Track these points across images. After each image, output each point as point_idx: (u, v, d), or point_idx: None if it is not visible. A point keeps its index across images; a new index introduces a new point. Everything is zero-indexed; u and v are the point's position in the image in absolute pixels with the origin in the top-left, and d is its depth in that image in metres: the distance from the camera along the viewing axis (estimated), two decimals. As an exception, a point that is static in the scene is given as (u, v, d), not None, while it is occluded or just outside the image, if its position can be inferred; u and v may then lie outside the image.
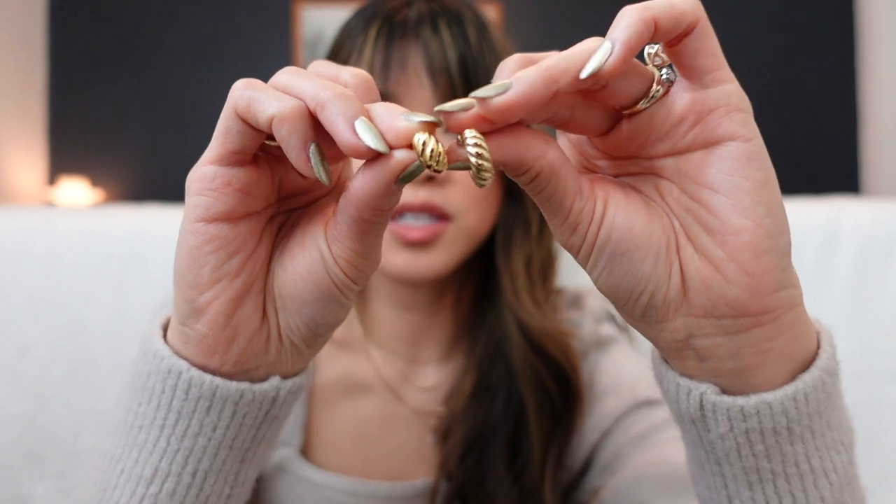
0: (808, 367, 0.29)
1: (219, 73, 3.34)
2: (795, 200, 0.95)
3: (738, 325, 0.27)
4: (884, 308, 0.88)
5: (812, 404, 0.29)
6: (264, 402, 0.32)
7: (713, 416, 0.30)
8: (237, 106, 0.27)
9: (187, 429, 0.31)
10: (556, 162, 0.27)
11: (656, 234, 0.28)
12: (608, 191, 0.29)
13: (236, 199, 0.29)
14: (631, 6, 0.25)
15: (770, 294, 0.27)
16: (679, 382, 0.30)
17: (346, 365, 0.63)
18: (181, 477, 0.32)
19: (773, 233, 0.27)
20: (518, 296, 0.59)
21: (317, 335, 0.32)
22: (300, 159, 0.26)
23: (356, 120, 0.25)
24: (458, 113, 0.25)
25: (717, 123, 0.26)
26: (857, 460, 0.33)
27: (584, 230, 0.28)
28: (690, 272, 0.28)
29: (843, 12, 3.37)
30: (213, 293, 0.29)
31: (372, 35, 0.55)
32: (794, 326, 0.28)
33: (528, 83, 0.24)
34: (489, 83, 0.50)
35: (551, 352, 0.58)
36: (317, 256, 0.30)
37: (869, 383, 0.87)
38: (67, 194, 3.09)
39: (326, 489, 0.60)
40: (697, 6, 0.26)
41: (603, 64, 0.25)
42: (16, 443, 0.83)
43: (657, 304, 0.28)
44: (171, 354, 0.31)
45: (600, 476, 0.58)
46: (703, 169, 0.27)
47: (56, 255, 0.86)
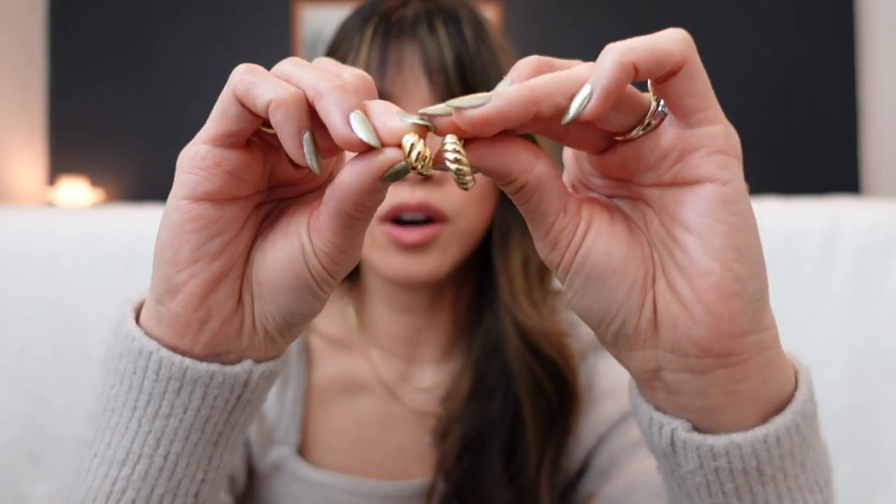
0: (782, 410, 0.29)
1: (219, 73, 3.33)
2: (795, 200, 0.95)
3: (702, 364, 0.27)
4: (883, 308, 0.88)
5: (784, 447, 0.29)
6: (236, 384, 0.32)
7: (683, 452, 0.30)
8: (236, 89, 0.28)
9: (158, 410, 0.31)
10: (543, 176, 0.27)
11: (634, 263, 0.28)
12: (593, 213, 0.29)
13: (224, 180, 0.29)
14: (614, 46, 0.25)
15: (735, 337, 0.27)
16: (652, 416, 0.31)
17: (345, 365, 0.63)
18: (153, 459, 0.31)
19: (742, 278, 0.26)
20: (515, 296, 0.59)
21: (291, 325, 0.32)
22: (293, 146, 0.27)
23: (351, 113, 0.26)
24: (439, 118, 0.25)
25: (696, 163, 0.26)
26: (835, 498, 0.33)
27: (563, 249, 0.28)
28: (661, 306, 0.28)
29: (843, 12, 3.37)
30: (189, 272, 0.29)
31: (368, 34, 0.55)
32: (763, 370, 0.28)
33: (507, 100, 0.24)
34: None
35: (548, 352, 0.58)
36: (297, 246, 0.30)
37: (869, 383, 0.87)
38: (67, 194, 3.09)
39: (324, 488, 0.60)
40: (685, 47, 0.26)
41: (582, 110, 0.25)
42: (16, 443, 0.83)
43: (627, 333, 0.29)
44: (142, 335, 0.31)
45: (596, 481, 0.58)
46: (679, 206, 0.27)
47: (56, 255, 0.86)
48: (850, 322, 0.88)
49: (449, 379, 0.62)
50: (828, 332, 0.88)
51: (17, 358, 0.84)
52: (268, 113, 0.27)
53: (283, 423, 0.61)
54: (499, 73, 0.56)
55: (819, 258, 0.89)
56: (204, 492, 0.33)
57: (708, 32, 3.38)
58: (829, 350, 0.88)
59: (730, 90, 3.34)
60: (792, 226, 0.90)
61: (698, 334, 0.27)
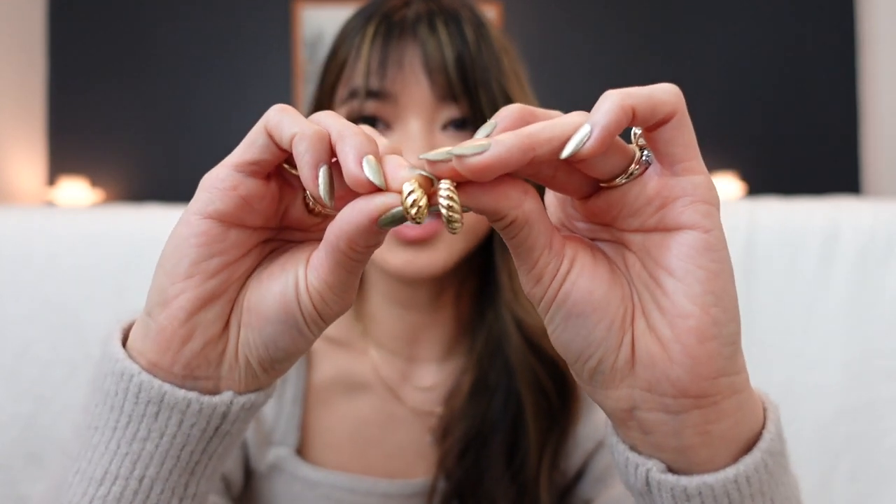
0: (751, 449, 0.30)
1: (219, 73, 3.34)
2: (796, 200, 0.95)
3: (678, 405, 0.29)
4: (883, 308, 0.88)
5: (754, 485, 0.30)
6: (214, 415, 0.32)
7: (658, 492, 0.31)
8: (268, 122, 0.29)
9: (136, 433, 0.32)
10: (532, 214, 0.28)
11: (614, 302, 0.29)
12: (577, 252, 0.30)
13: (236, 204, 0.30)
14: (613, 91, 0.27)
15: (710, 379, 0.28)
16: (628, 457, 0.31)
17: (344, 363, 0.63)
18: (128, 481, 0.32)
19: (719, 321, 0.28)
20: (516, 294, 0.59)
21: (273, 360, 0.32)
22: (310, 177, 0.28)
23: (365, 157, 0.27)
24: (439, 163, 0.26)
25: (680, 211, 0.28)
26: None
27: (547, 284, 0.29)
28: (640, 346, 0.29)
29: (843, 12, 3.37)
30: (182, 286, 0.30)
31: (370, 34, 0.55)
32: (736, 412, 0.29)
33: (506, 148, 0.26)
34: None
35: (549, 350, 0.58)
36: (291, 280, 0.30)
37: (869, 383, 0.87)
38: (67, 194, 3.09)
39: (324, 487, 0.60)
40: (677, 98, 0.27)
41: (581, 147, 0.26)
42: (16, 443, 0.83)
43: (604, 370, 0.30)
44: (125, 357, 0.32)
45: (593, 487, 0.59)
46: (662, 251, 0.28)
47: (56, 255, 0.86)
48: (850, 322, 0.88)
49: (449, 378, 0.62)
50: (828, 332, 0.88)
51: (17, 358, 0.84)
52: (292, 146, 0.28)
53: (282, 423, 0.61)
54: (500, 72, 0.56)
55: (819, 258, 0.89)
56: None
57: (708, 32, 3.38)
58: (829, 350, 0.88)
59: (730, 90, 3.35)
60: (792, 226, 0.90)
61: (676, 375, 0.28)
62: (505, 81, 0.56)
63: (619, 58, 3.39)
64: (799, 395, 0.88)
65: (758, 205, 0.94)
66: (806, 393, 0.88)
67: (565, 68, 3.25)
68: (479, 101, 0.55)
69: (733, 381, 0.29)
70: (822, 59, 3.37)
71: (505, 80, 0.57)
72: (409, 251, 0.55)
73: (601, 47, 3.41)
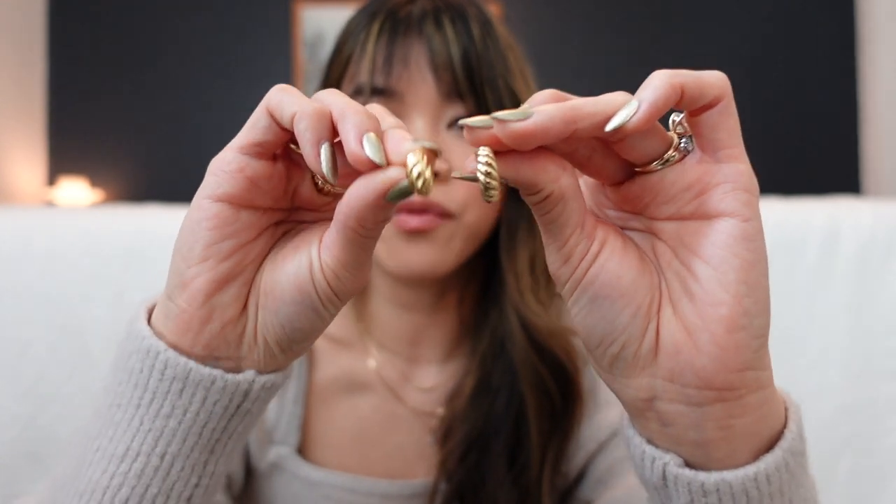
0: (772, 448, 0.30)
1: (218, 73, 3.34)
2: (796, 201, 0.95)
3: (701, 396, 0.28)
4: (884, 308, 0.88)
5: (774, 485, 0.29)
6: (236, 392, 0.32)
7: (675, 487, 0.30)
8: (269, 102, 0.29)
9: (160, 409, 0.32)
10: (568, 189, 0.28)
11: (642, 289, 0.29)
12: (608, 235, 0.29)
13: (244, 185, 0.30)
14: (661, 70, 0.26)
15: (736, 371, 0.28)
16: (644, 450, 0.31)
17: (346, 364, 0.63)
18: (150, 458, 0.32)
19: (750, 312, 0.27)
20: (522, 294, 0.58)
21: (291, 340, 0.32)
22: (312, 154, 0.28)
23: (366, 134, 0.27)
24: (479, 130, 0.26)
25: (720, 198, 0.27)
26: None
27: (575, 264, 0.29)
28: (665, 334, 0.28)
29: (843, 12, 3.37)
30: (198, 269, 0.31)
31: (375, 31, 0.55)
32: (760, 408, 0.29)
33: (549, 117, 0.25)
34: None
35: (554, 351, 0.58)
36: (306, 261, 0.31)
37: (869, 383, 0.87)
38: (67, 194, 3.09)
39: (324, 487, 0.60)
40: (725, 84, 0.27)
41: (627, 121, 0.26)
42: (16, 443, 0.83)
43: (627, 357, 0.29)
44: (150, 335, 0.32)
45: (594, 488, 0.58)
46: (698, 238, 0.28)
47: (56, 255, 0.86)
48: (850, 322, 0.88)
49: (451, 379, 0.62)
50: (828, 331, 0.88)
51: (17, 358, 0.84)
52: (293, 125, 0.28)
53: (283, 422, 0.61)
54: (506, 70, 0.56)
55: (819, 258, 0.89)
56: (197, 497, 0.34)
57: (707, 31, 3.38)
58: (829, 350, 0.88)
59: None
60: (792, 226, 0.90)
61: (701, 364, 0.27)
62: (511, 79, 0.56)
63: (619, 57, 3.39)
64: (799, 395, 0.87)
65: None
66: (806, 393, 0.88)
67: (565, 68, 3.25)
68: (486, 98, 0.54)
69: (759, 376, 0.28)
70: (822, 59, 3.37)
71: (511, 78, 0.56)
72: (409, 246, 0.55)
73: (600, 46, 3.41)
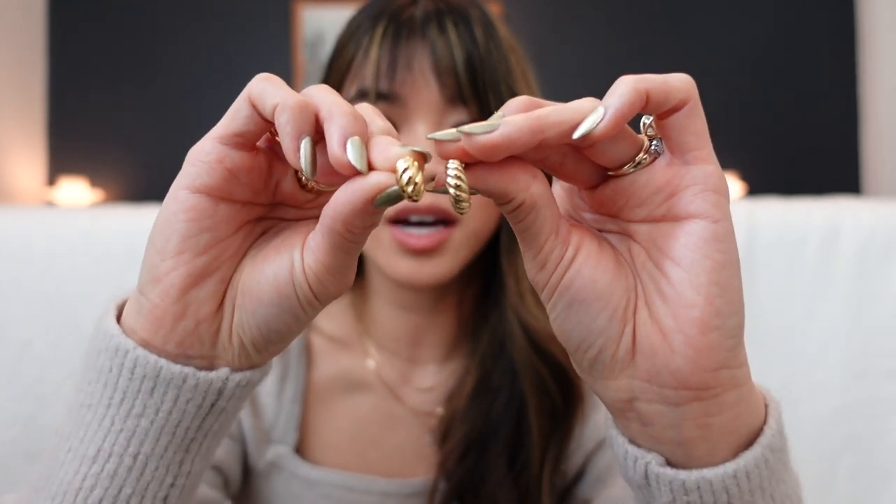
0: (752, 445, 0.30)
1: (218, 73, 3.34)
2: (796, 201, 0.95)
3: (678, 396, 0.28)
4: (884, 308, 0.88)
5: (754, 481, 0.30)
6: (209, 391, 0.31)
7: (657, 485, 0.30)
8: (251, 92, 0.29)
9: (131, 409, 0.31)
10: (539, 197, 0.28)
11: (618, 292, 0.29)
12: (583, 240, 0.29)
13: (223, 177, 0.30)
14: (627, 76, 0.27)
15: (711, 371, 0.28)
16: (627, 449, 0.31)
17: (346, 364, 0.63)
18: (122, 458, 0.31)
19: (723, 313, 0.27)
20: (522, 297, 0.58)
21: (267, 341, 0.32)
22: (291, 148, 0.27)
23: (350, 138, 0.27)
24: (447, 143, 0.26)
25: (690, 200, 0.27)
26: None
27: (551, 270, 0.29)
28: (641, 335, 0.29)
29: (843, 13, 3.37)
30: (173, 262, 0.30)
31: (378, 35, 0.55)
32: (736, 406, 0.29)
33: (516, 128, 0.26)
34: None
35: (554, 353, 0.58)
36: (287, 263, 0.30)
37: (869, 383, 0.87)
38: (67, 195, 3.09)
39: (323, 485, 0.60)
40: (690, 86, 0.27)
41: (594, 127, 0.26)
42: (16, 442, 0.83)
43: (605, 359, 0.29)
44: (119, 333, 0.31)
45: (593, 487, 0.58)
46: (669, 241, 0.28)
47: (56, 255, 0.86)
48: (850, 322, 0.88)
49: (450, 380, 0.62)
50: (828, 331, 0.88)
51: (17, 358, 0.84)
52: (274, 116, 0.27)
53: (281, 421, 0.61)
54: (508, 73, 0.56)
55: (819, 258, 0.89)
56: (173, 497, 0.33)
57: (708, 32, 3.38)
58: (829, 350, 0.88)
59: (730, 90, 3.34)
60: (792, 226, 0.90)
61: (676, 365, 0.28)
62: (513, 82, 0.56)
63: (619, 58, 3.39)
64: (799, 395, 0.88)
65: (758, 205, 0.93)
66: (806, 392, 0.88)
67: (565, 68, 3.25)
68: (489, 103, 0.54)
69: (735, 374, 0.29)
70: (822, 59, 3.37)
71: (513, 81, 0.56)
72: (415, 261, 0.55)
73: (601, 47, 3.41)
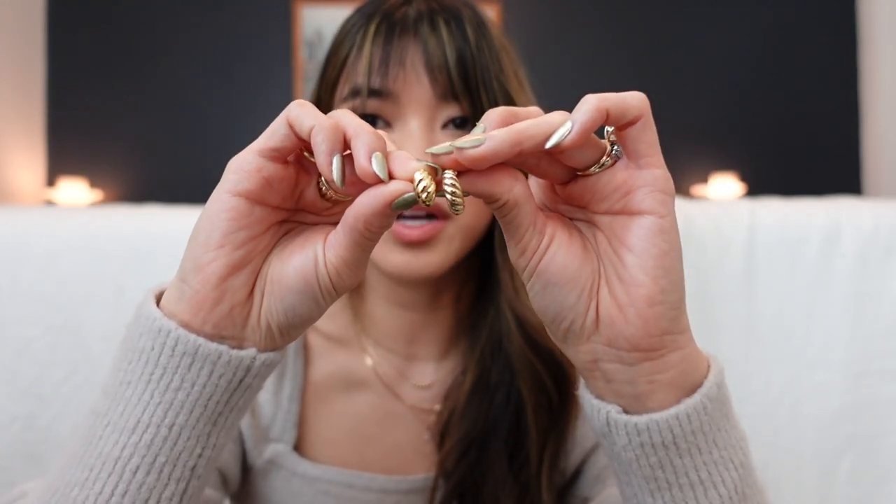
0: (692, 394, 0.36)
1: (218, 73, 3.34)
2: (796, 201, 0.95)
3: (631, 357, 0.35)
4: (884, 308, 0.88)
5: (695, 423, 0.36)
6: (239, 367, 0.36)
7: (616, 430, 0.37)
8: (290, 114, 0.34)
9: (170, 383, 0.35)
10: (520, 196, 0.33)
11: (585, 274, 0.35)
12: (556, 230, 0.35)
13: (261, 184, 0.35)
14: (591, 95, 0.32)
15: (657, 336, 0.34)
16: (592, 402, 0.38)
17: (343, 362, 0.63)
18: (159, 429, 0.35)
19: (666, 290, 0.34)
20: (517, 291, 0.59)
21: (291, 325, 0.37)
22: (325, 163, 0.32)
23: (374, 153, 0.32)
24: (442, 156, 0.32)
25: (641, 198, 0.34)
26: (755, 480, 0.39)
27: (529, 257, 0.35)
28: (602, 309, 0.35)
29: (843, 13, 3.38)
30: (215, 254, 0.35)
31: (371, 33, 0.56)
32: (680, 364, 0.35)
33: (499, 141, 0.31)
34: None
35: (549, 347, 0.58)
36: (311, 257, 0.35)
37: (869, 383, 0.87)
38: (66, 195, 3.09)
39: (322, 482, 0.61)
40: (644, 105, 0.33)
41: (563, 139, 0.32)
42: (15, 443, 0.83)
43: (575, 330, 0.36)
44: (161, 316, 0.36)
45: (591, 486, 0.59)
46: (625, 231, 0.34)
47: (55, 255, 0.86)
48: (851, 322, 0.88)
49: (448, 377, 0.63)
50: (828, 332, 0.88)
51: (16, 358, 0.84)
52: (310, 136, 0.33)
53: (279, 420, 0.62)
54: (500, 71, 0.57)
55: (820, 258, 0.89)
56: (200, 467, 0.37)
57: (708, 33, 3.39)
58: (829, 350, 0.88)
59: (730, 91, 3.35)
60: (792, 226, 0.90)
61: (630, 332, 0.34)
62: (505, 80, 0.57)
63: (619, 58, 3.40)
64: (800, 395, 0.88)
65: (758, 205, 0.93)
66: (806, 393, 0.88)
67: (564, 68, 3.25)
68: (480, 100, 0.55)
69: (677, 338, 0.35)
70: (822, 60, 3.37)
71: (505, 79, 0.57)
72: (408, 253, 0.56)
73: (600, 47, 3.41)
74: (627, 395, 0.36)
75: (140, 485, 0.35)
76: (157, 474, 0.36)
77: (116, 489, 0.35)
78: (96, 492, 0.35)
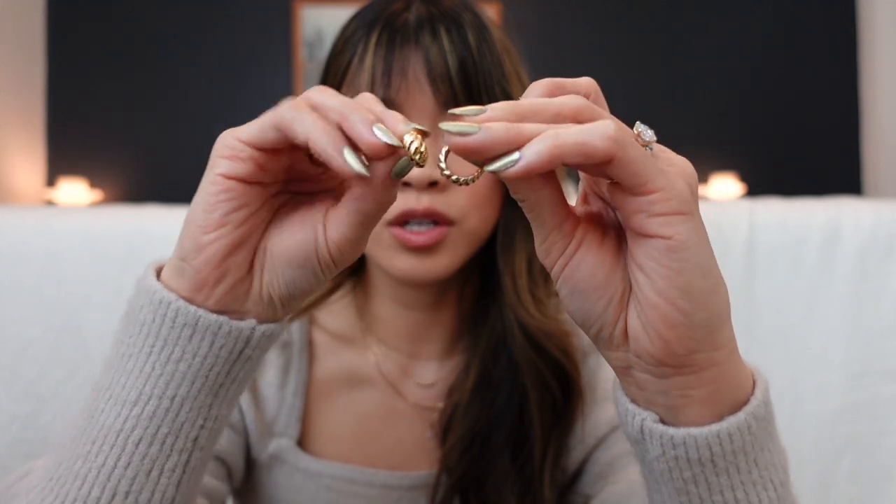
0: (737, 412, 0.34)
1: (218, 72, 3.34)
2: (797, 201, 0.95)
3: (660, 371, 0.33)
4: (884, 308, 0.88)
5: (736, 443, 0.34)
6: (239, 338, 0.36)
7: (650, 440, 0.35)
8: (282, 120, 0.33)
9: (171, 355, 0.35)
10: (544, 199, 0.32)
11: (613, 285, 0.33)
12: (587, 235, 0.33)
13: (254, 169, 0.35)
14: (552, 132, 0.29)
15: (684, 355, 0.32)
16: (628, 407, 0.36)
17: (348, 359, 0.64)
18: (161, 400, 0.35)
19: (686, 311, 0.31)
20: (519, 296, 0.59)
21: (291, 297, 0.37)
22: (341, 165, 0.31)
23: (374, 125, 0.31)
24: (455, 136, 0.29)
25: (640, 223, 0.31)
26: (793, 499, 0.37)
27: (554, 259, 0.33)
28: (630, 322, 0.33)
29: (843, 13, 3.38)
30: (216, 234, 0.35)
31: (372, 42, 0.56)
32: (715, 381, 0.33)
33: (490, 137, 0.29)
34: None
35: (551, 351, 0.59)
36: (311, 233, 0.36)
37: (869, 383, 0.87)
38: (66, 195, 3.09)
39: (324, 478, 0.61)
40: (611, 144, 0.29)
41: (504, 170, 0.29)
42: (15, 443, 0.83)
43: (604, 337, 0.34)
44: (162, 288, 0.36)
45: (594, 484, 0.59)
46: (635, 250, 0.32)
47: (55, 255, 0.86)
48: (851, 322, 0.88)
49: (451, 375, 0.63)
50: (828, 332, 0.88)
51: (16, 358, 0.84)
52: (308, 145, 0.32)
53: (283, 415, 0.62)
54: (502, 76, 0.57)
55: (820, 258, 0.89)
56: (202, 438, 0.37)
57: (708, 33, 3.39)
58: (829, 350, 0.88)
59: (730, 91, 3.35)
60: (792, 225, 0.90)
61: (653, 351, 0.32)
62: (507, 85, 0.57)
63: (619, 58, 3.40)
64: (799, 395, 0.88)
65: (758, 205, 0.94)
66: (807, 393, 0.88)
67: (564, 69, 3.25)
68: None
69: (711, 356, 0.33)
70: (822, 60, 3.37)
71: (507, 84, 0.57)
72: (414, 258, 0.56)
73: (600, 47, 3.41)
74: (661, 405, 0.34)
75: (143, 456, 0.35)
76: (160, 446, 0.36)
77: (119, 461, 0.35)
78: (99, 464, 0.35)
